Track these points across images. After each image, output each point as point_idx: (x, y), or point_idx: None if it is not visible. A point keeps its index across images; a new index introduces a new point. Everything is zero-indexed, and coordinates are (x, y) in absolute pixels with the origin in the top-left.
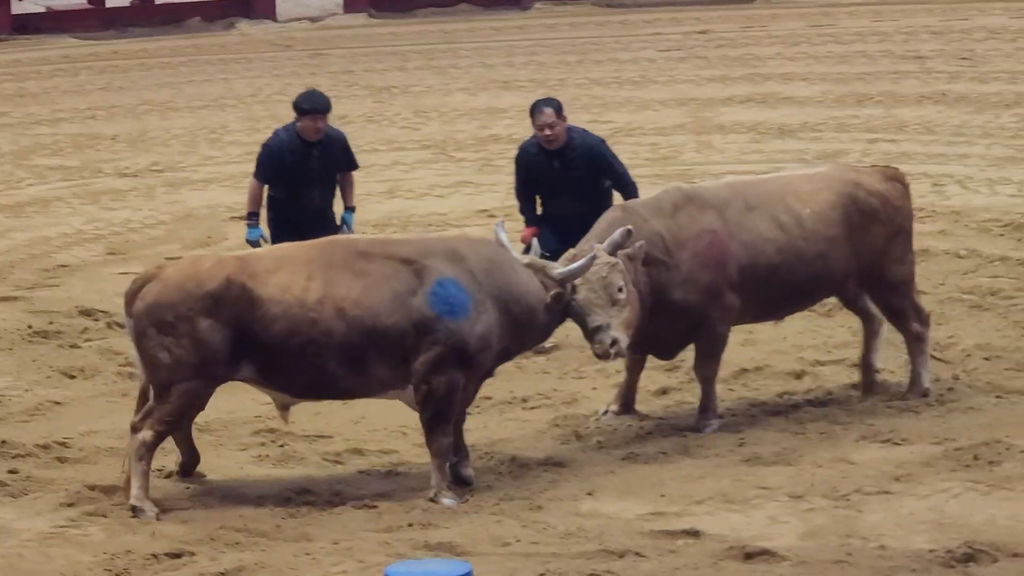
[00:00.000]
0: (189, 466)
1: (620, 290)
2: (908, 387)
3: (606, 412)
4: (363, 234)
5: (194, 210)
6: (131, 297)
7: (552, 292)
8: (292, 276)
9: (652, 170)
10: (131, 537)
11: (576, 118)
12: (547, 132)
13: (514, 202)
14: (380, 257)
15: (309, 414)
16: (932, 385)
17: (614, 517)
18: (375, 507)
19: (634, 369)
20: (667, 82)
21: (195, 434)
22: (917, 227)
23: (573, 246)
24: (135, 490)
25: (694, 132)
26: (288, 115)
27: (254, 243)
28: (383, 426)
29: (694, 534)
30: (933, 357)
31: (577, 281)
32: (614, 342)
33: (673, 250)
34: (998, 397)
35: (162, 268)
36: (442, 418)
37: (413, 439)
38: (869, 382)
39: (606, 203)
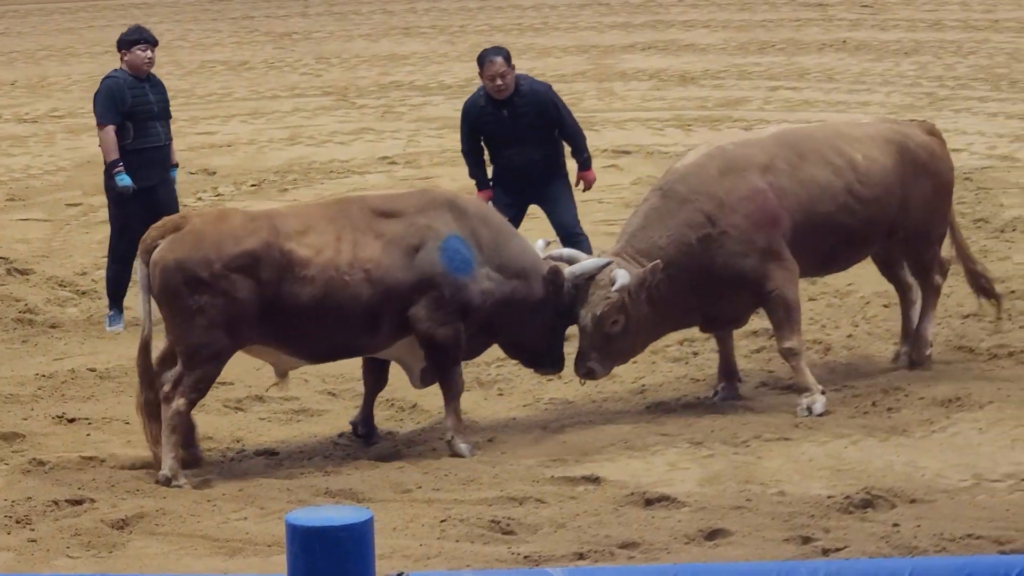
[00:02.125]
0: None
1: (614, 323)
2: (914, 344)
3: (716, 394)
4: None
5: (95, 156)
6: (151, 247)
7: (550, 267)
8: (322, 236)
9: None
10: (31, 483)
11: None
12: (498, 82)
13: (415, 149)
14: (390, 214)
15: None
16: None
17: (515, 464)
18: (276, 454)
19: (722, 341)
20: (569, 29)
21: (96, 381)
22: None
23: (528, 200)
24: (169, 461)
25: (596, 79)
26: (187, 60)
27: (127, 189)
28: None
29: (594, 480)
30: (830, 305)
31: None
32: (588, 371)
33: (720, 217)
34: (896, 344)
35: (187, 218)
36: (451, 359)
37: (315, 386)
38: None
39: (558, 151)
